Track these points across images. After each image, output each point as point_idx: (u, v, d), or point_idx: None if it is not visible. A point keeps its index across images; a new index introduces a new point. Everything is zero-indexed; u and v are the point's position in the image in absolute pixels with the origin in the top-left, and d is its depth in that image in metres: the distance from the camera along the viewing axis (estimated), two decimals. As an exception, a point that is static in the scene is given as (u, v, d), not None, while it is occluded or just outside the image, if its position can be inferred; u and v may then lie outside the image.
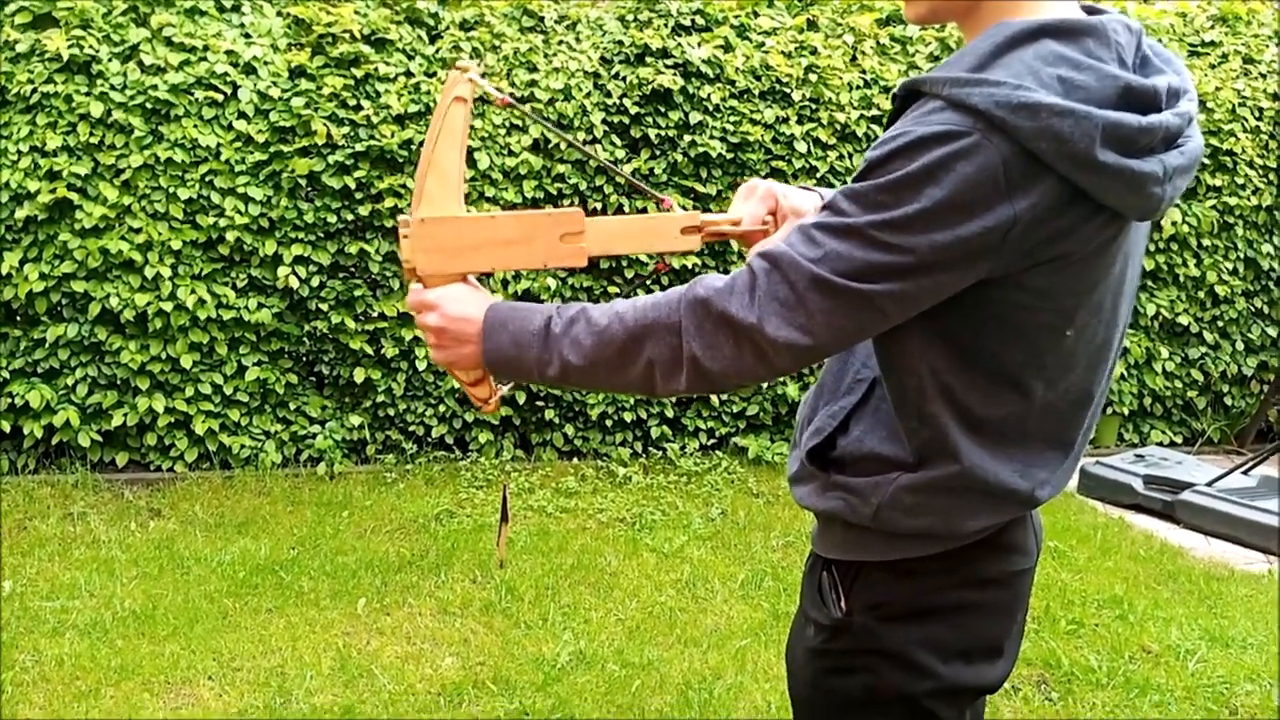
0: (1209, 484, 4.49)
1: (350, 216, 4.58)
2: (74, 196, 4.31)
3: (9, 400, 4.38)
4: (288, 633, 3.21)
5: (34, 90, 4.30)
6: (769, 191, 1.34)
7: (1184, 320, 5.57)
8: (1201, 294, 5.61)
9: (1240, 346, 5.72)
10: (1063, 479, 1.23)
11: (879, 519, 1.19)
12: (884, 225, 1.03)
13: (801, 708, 1.32)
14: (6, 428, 4.40)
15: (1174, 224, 5.39)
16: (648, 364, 1.13)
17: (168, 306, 4.40)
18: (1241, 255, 5.61)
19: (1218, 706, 2.99)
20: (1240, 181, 5.50)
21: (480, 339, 1.19)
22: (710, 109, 4.90)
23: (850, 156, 5.09)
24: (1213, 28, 5.83)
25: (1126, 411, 5.62)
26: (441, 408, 4.85)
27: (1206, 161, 5.46)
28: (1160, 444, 5.67)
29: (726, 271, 4.62)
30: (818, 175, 5.04)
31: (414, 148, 4.58)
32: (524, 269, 1.25)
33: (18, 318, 4.48)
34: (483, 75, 1.22)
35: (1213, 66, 5.64)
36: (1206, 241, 5.54)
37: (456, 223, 1.22)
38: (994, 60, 1.05)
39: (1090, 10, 1.14)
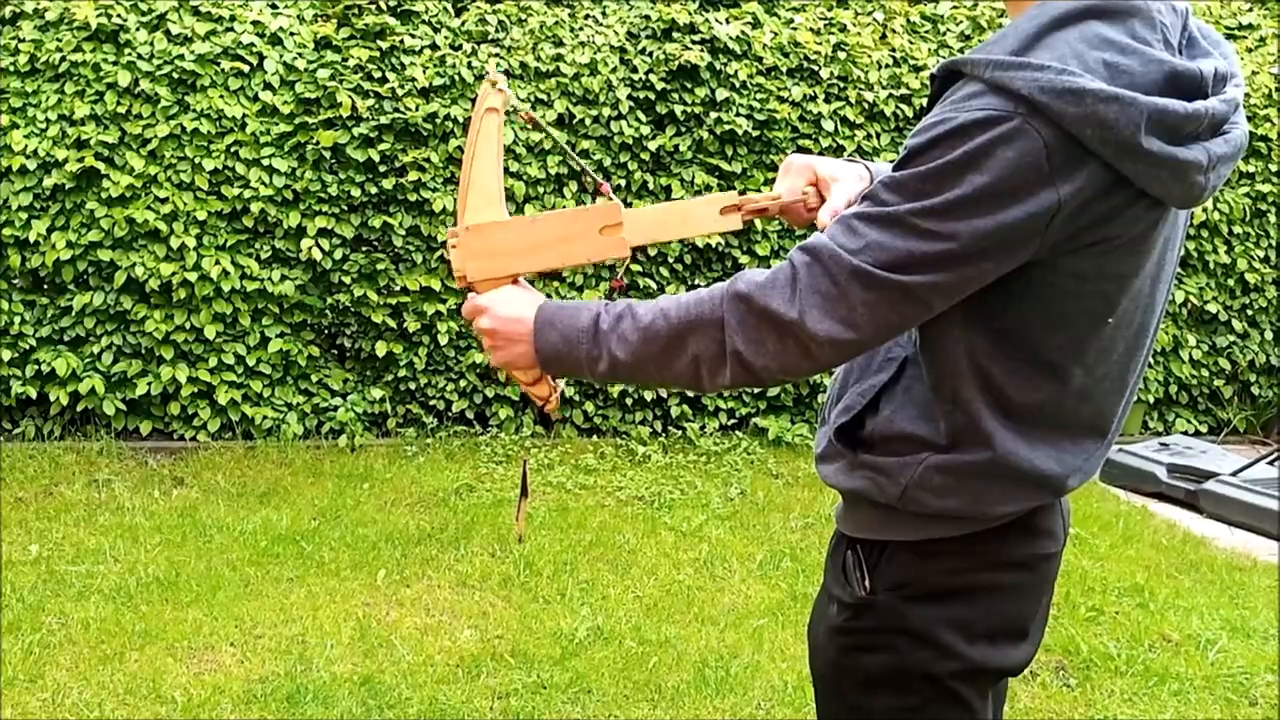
0: (1233, 474, 4.45)
1: (374, 190, 4.58)
2: (101, 165, 4.33)
3: (36, 367, 4.43)
4: (308, 602, 3.24)
5: (62, 59, 4.32)
6: (806, 165, 1.35)
7: (1213, 308, 5.50)
8: (1231, 282, 5.54)
9: (1269, 336, 5.65)
10: (1095, 465, 1.22)
11: (907, 499, 1.18)
12: (926, 212, 1.02)
13: (824, 685, 1.32)
14: (33, 394, 4.45)
15: (1206, 210, 5.32)
16: (693, 360, 1.13)
17: (192, 277, 4.43)
18: (1273, 243, 5.53)
19: (1237, 697, 2.97)
20: (1274, 168, 5.42)
21: (531, 337, 1.21)
22: (737, 86, 4.86)
23: (878, 136, 5.05)
24: (1250, 10, 5.72)
25: (1152, 399, 5.57)
26: (462, 383, 4.86)
27: (1240, 147, 5.38)
28: (1185, 433, 5.61)
29: (750, 251, 4.55)
30: (845, 155, 5.00)
31: (438, 121, 4.57)
32: (569, 265, 1.30)
33: (45, 285, 4.52)
34: (506, 78, 1.27)
35: (1250, 50, 5.54)
36: (1238, 228, 5.46)
37: (499, 227, 1.27)
38: (1037, 41, 1.03)
39: None
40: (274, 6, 4.64)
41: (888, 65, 5.07)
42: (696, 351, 1.13)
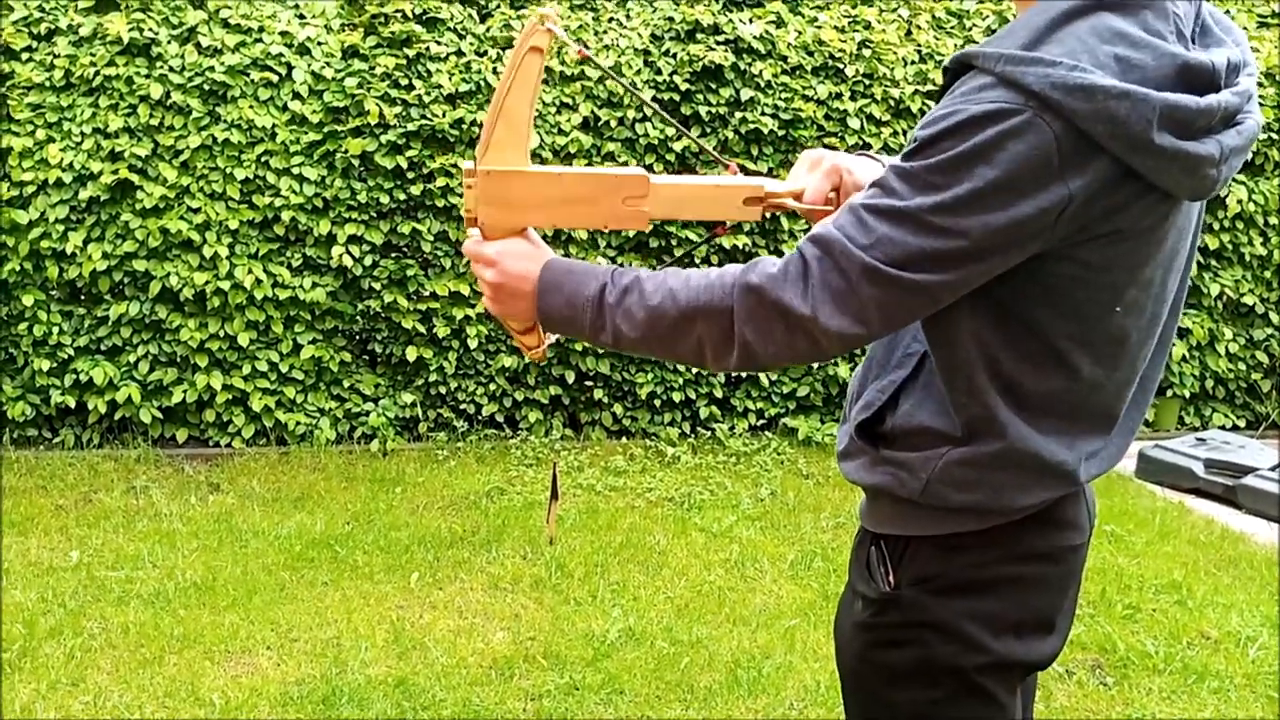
0: (1272, 469, 4.38)
1: (403, 196, 4.62)
2: (134, 177, 4.40)
3: (74, 377, 4.50)
4: (343, 605, 3.27)
5: (96, 73, 4.40)
6: (835, 167, 1.32)
7: (1249, 300, 5.42)
8: (1268, 273, 5.45)
9: (1308, 328, 5.56)
10: (1112, 455, 1.22)
11: (928, 493, 1.18)
12: (936, 208, 1.02)
13: (850, 681, 1.32)
14: (72, 403, 4.53)
15: (1240, 202, 5.24)
16: (698, 342, 1.14)
17: (225, 285, 4.49)
18: (1311, 233, 5.43)
19: (1278, 695, 2.92)
20: (1311, 157, 5.33)
21: (534, 297, 1.20)
22: (762, 85, 4.85)
23: (904, 133, 5.02)
24: (1284, -2, 5.63)
25: (1188, 394, 5.50)
26: (492, 386, 4.89)
27: (1275, 137, 5.29)
28: (1222, 427, 5.53)
29: (777, 251, 4.55)
30: (872, 151, 4.97)
31: (465, 127, 4.60)
32: (585, 229, 1.26)
33: (82, 296, 4.60)
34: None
35: (1283, 38, 5.45)
36: (1274, 220, 5.37)
37: (522, 177, 1.21)
38: (1048, 35, 1.03)
39: None
40: (301, 17, 4.70)
41: (913, 61, 5.05)
42: (702, 335, 1.13)
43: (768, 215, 1.30)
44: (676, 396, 4.99)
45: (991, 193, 1.00)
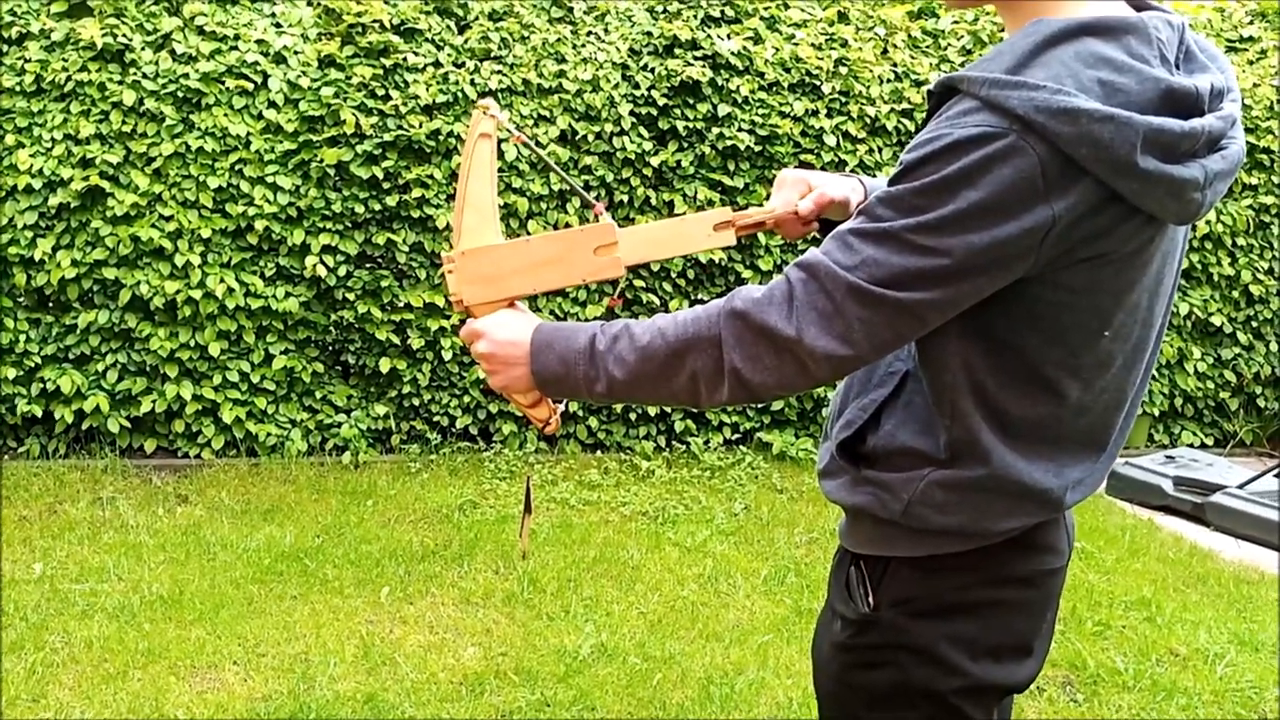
0: (1240, 486, 4.43)
1: (378, 206, 4.60)
2: (106, 184, 4.35)
3: (40, 385, 4.44)
4: (312, 620, 3.23)
5: (68, 78, 4.35)
6: (800, 179, 1.37)
7: (1217, 320, 5.49)
8: (1235, 293, 5.53)
9: (1274, 347, 5.64)
10: (1095, 480, 1.22)
11: (909, 514, 1.18)
12: (920, 228, 1.02)
13: (827, 702, 1.31)
14: (38, 413, 4.46)
15: (1209, 222, 5.32)
16: (691, 377, 1.14)
17: (197, 294, 4.44)
18: (1277, 254, 5.52)
19: (1246, 711, 2.94)
20: (1277, 180, 5.42)
21: (528, 360, 1.21)
22: (739, 101, 4.87)
23: (880, 150, 5.05)
24: (1252, 23, 5.74)
25: (1157, 412, 5.56)
26: (466, 399, 4.86)
27: (1244, 160, 5.38)
28: (1191, 445, 5.60)
29: (754, 265, 4.56)
30: (847, 169, 5.00)
31: (441, 138, 4.59)
32: (564, 286, 1.30)
33: (50, 304, 4.53)
34: (504, 110, 1.29)
35: (1251, 63, 5.55)
36: (1242, 240, 5.46)
37: (494, 251, 1.27)
38: (1033, 59, 1.03)
39: (1134, 4, 1.11)
40: (278, 25, 4.67)
41: (889, 80, 5.09)
42: (694, 369, 1.13)
43: (742, 238, 1.36)
44: (651, 410, 4.98)
45: (975, 214, 1.00)
